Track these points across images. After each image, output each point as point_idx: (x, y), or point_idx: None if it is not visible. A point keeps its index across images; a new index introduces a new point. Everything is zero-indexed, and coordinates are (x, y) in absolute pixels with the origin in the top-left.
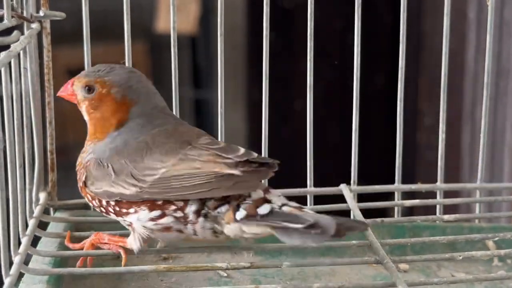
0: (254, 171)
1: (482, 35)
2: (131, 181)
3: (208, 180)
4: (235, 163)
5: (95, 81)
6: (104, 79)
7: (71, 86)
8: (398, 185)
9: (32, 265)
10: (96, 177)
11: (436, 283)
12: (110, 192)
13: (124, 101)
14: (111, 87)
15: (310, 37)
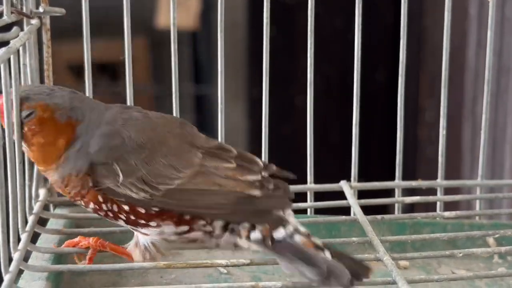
0: (274, 195)
1: (483, 32)
2: (141, 186)
3: (229, 201)
4: (256, 183)
5: (33, 106)
6: (47, 103)
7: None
8: (398, 181)
9: (32, 262)
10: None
11: (437, 280)
12: (116, 192)
13: (69, 122)
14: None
15: (310, 34)
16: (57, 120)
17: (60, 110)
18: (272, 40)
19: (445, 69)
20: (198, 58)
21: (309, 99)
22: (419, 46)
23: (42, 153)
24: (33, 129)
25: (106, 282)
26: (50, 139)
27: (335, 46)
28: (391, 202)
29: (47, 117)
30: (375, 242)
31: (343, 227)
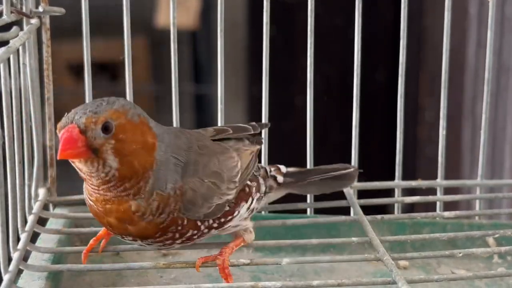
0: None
1: (483, 31)
2: (231, 186)
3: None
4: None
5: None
6: (114, 108)
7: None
8: (398, 181)
9: (31, 262)
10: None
11: (436, 280)
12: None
13: (142, 121)
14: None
15: (310, 33)
16: (133, 121)
17: (128, 111)
18: (272, 39)
19: (445, 69)
20: (198, 58)
21: (309, 98)
22: (419, 46)
23: (137, 160)
24: (121, 138)
25: (106, 282)
26: (140, 140)
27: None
28: (391, 202)
29: (125, 122)
30: (375, 242)
31: (342, 227)
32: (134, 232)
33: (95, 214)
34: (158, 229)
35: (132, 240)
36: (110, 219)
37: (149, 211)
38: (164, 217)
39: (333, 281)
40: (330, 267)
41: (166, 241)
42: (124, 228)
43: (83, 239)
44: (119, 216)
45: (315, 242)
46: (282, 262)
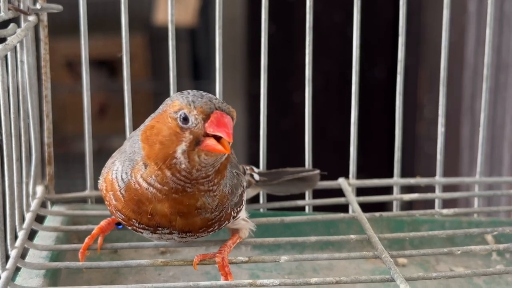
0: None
1: (482, 28)
2: (247, 177)
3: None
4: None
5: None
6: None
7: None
8: (397, 179)
9: (29, 259)
10: (236, 186)
11: (435, 277)
12: (240, 194)
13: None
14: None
15: (309, 31)
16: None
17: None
18: (270, 36)
19: (444, 67)
20: (196, 54)
21: (307, 95)
22: (418, 43)
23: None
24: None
25: (104, 279)
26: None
27: (334, 43)
28: (389, 199)
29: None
30: (374, 239)
31: (341, 225)
32: (179, 225)
33: (139, 199)
34: (205, 225)
35: (162, 233)
36: (161, 208)
37: (209, 208)
38: (216, 214)
39: (331, 278)
40: (329, 264)
41: (200, 235)
42: (170, 219)
43: (81, 236)
44: (177, 208)
45: (314, 239)
46: (280, 259)
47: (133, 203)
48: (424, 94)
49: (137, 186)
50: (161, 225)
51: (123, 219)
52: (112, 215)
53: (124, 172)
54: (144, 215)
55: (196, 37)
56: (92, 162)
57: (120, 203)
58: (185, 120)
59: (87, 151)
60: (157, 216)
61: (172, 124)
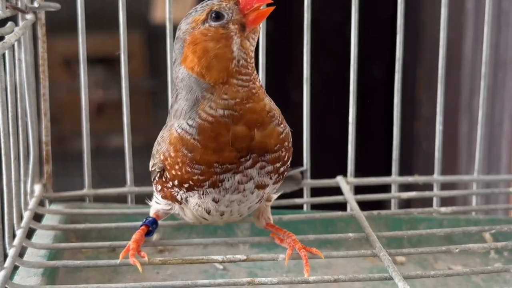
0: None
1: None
2: None
3: None
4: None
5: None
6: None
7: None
8: (395, 177)
9: (27, 258)
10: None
11: (433, 275)
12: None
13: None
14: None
15: (307, 29)
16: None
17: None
18: (268, 34)
19: (442, 65)
20: None
21: (305, 94)
22: (416, 40)
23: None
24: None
25: (102, 278)
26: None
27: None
28: (387, 197)
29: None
30: (372, 237)
31: (339, 223)
32: (257, 141)
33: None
34: (278, 140)
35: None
36: (239, 128)
37: (276, 114)
38: (283, 128)
39: (329, 276)
40: (327, 262)
41: (276, 163)
42: (249, 136)
43: (79, 235)
44: (253, 118)
45: (312, 237)
46: (278, 258)
47: (212, 141)
48: (422, 92)
49: (210, 119)
50: (242, 149)
51: (201, 172)
52: (180, 188)
53: (188, 120)
54: (226, 148)
55: None
56: (90, 161)
57: (197, 152)
58: (218, 18)
59: (85, 149)
60: (237, 140)
61: (212, 31)
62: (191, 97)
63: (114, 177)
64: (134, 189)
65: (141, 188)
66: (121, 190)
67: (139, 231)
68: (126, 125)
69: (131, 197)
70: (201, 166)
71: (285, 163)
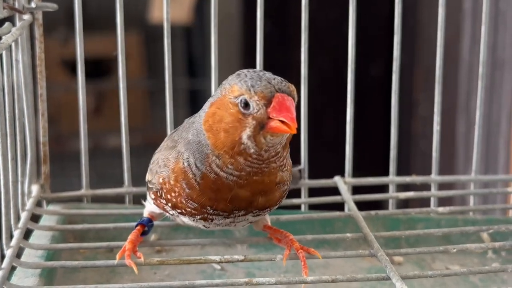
0: None
1: (477, 26)
2: None
3: None
4: None
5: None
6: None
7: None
8: (392, 177)
9: (25, 258)
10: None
11: (431, 276)
12: None
13: None
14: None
15: (304, 29)
16: None
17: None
18: (266, 33)
19: (439, 65)
20: (192, 52)
21: (303, 93)
22: (413, 40)
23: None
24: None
25: (100, 279)
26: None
27: (330, 40)
28: (385, 197)
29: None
30: (369, 238)
31: (337, 223)
32: (260, 204)
33: (218, 188)
34: (281, 196)
35: (236, 216)
36: (243, 192)
37: (286, 181)
38: (287, 186)
39: (327, 277)
40: (325, 263)
41: (274, 208)
42: (251, 201)
43: (76, 235)
44: (259, 189)
45: (310, 238)
46: (276, 258)
47: (211, 191)
48: (419, 92)
49: (215, 176)
50: (239, 208)
51: (194, 208)
52: (172, 209)
53: (197, 161)
54: (222, 201)
55: (192, 35)
56: (87, 161)
57: (194, 192)
58: (246, 106)
59: (83, 149)
60: (236, 200)
61: (234, 110)
62: (201, 147)
63: (112, 177)
64: (132, 189)
65: (139, 188)
66: (119, 190)
67: (135, 231)
68: (124, 125)
69: (129, 197)
70: (195, 204)
71: (283, 198)
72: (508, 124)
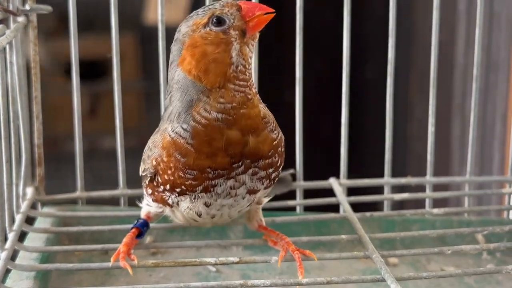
0: None
1: (472, 28)
2: None
3: None
4: None
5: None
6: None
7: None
8: (387, 178)
9: (19, 261)
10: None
11: (425, 277)
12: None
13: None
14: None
15: (299, 30)
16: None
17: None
18: (261, 34)
19: (434, 67)
20: None
21: (298, 95)
22: (408, 43)
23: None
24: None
25: (95, 281)
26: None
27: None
28: (380, 199)
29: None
30: (365, 239)
31: (332, 225)
32: (251, 147)
33: (211, 137)
34: (272, 146)
35: (236, 174)
36: (234, 133)
37: (270, 120)
38: (276, 134)
39: (322, 278)
40: (320, 264)
41: (269, 169)
42: (244, 142)
43: (71, 238)
44: (247, 124)
45: (305, 239)
46: (271, 260)
47: (205, 145)
48: (414, 94)
49: (204, 121)
50: (235, 155)
51: (194, 177)
52: (171, 192)
53: (182, 123)
54: (219, 153)
55: None
56: (82, 163)
57: (190, 156)
58: (220, 23)
59: (78, 151)
60: (231, 146)
61: (212, 35)
62: (186, 98)
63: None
64: (127, 191)
65: (134, 190)
66: (114, 192)
67: (130, 234)
68: (119, 127)
69: (124, 199)
70: (194, 171)
71: (277, 169)
72: (503, 125)
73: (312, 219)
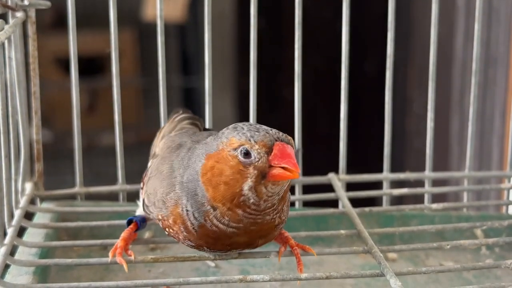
0: None
1: (471, 23)
2: None
3: None
4: None
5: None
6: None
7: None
8: (386, 174)
9: (18, 256)
10: None
11: (424, 272)
12: None
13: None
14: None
15: (298, 26)
16: None
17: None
18: (259, 31)
19: (433, 61)
20: (185, 50)
21: (297, 90)
22: (407, 38)
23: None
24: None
25: (94, 276)
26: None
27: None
28: (379, 194)
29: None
30: (364, 234)
31: (331, 220)
32: (261, 244)
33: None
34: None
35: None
36: (242, 239)
37: (283, 220)
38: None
39: (321, 273)
40: (319, 259)
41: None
42: (250, 243)
43: (70, 233)
44: (258, 234)
45: (304, 234)
46: (270, 255)
47: (210, 238)
48: (413, 89)
49: (214, 228)
50: (237, 248)
51: (191, 245)
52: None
53: (195, 211)
54: (220, 245)
55: (185, 33)
56: (81, 159)
57: (192, 236)
58: (247, 156)
59: (76, 147)
60: (235, 244)
61: (234, 163)
62: (197, 197)
63: (106, 175)
64: (126, 187)
65: (132, 186)
66: (112, 188)
67: (128, 229)
68: (118, 123)
69: (123, 195)
70: (192, 244)
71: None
72: (502, 120)
73: (311, 214)
